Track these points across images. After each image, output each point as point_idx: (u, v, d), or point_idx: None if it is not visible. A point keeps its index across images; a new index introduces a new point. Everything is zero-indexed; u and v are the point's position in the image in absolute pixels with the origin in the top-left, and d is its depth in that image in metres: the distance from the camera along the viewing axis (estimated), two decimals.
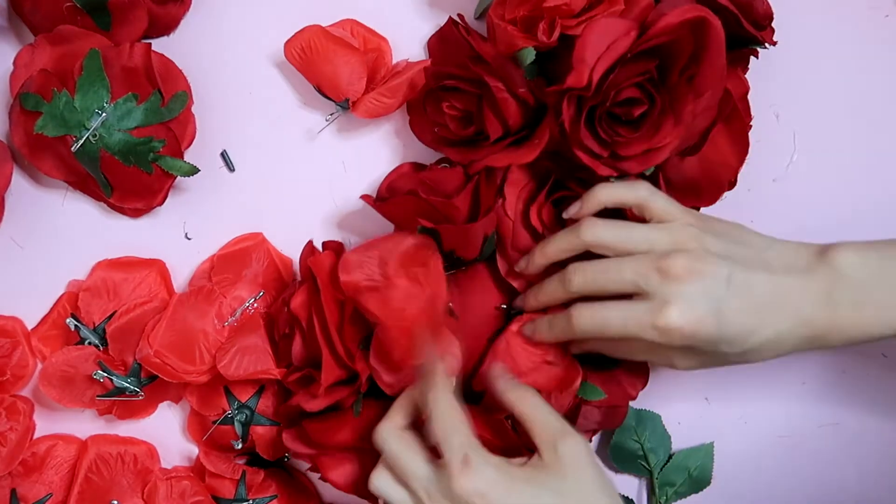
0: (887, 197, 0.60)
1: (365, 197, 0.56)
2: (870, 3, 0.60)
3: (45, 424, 0.64)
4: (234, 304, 0.61)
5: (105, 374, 0.60)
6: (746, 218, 0.53)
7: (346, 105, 0.58)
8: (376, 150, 0.61)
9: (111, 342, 0.61)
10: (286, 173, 0.62)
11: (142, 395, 0.61)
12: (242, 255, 0.61)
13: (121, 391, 0.60)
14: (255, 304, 0.61)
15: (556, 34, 0.51)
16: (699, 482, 0.62)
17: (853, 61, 0.60)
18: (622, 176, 0.52)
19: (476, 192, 0.54)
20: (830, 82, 0.60)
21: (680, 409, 0.62)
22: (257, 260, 0.61)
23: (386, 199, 0.56)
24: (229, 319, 0.60)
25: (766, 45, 0.54)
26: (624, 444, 0.62)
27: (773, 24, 0.54)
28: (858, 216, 0.60)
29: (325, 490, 0.64)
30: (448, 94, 0.55)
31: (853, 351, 0.61)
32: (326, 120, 0.60)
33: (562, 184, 0.55)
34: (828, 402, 0.62)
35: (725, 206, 0.56)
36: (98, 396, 0.61)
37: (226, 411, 0.60)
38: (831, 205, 0.60)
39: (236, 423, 0.60)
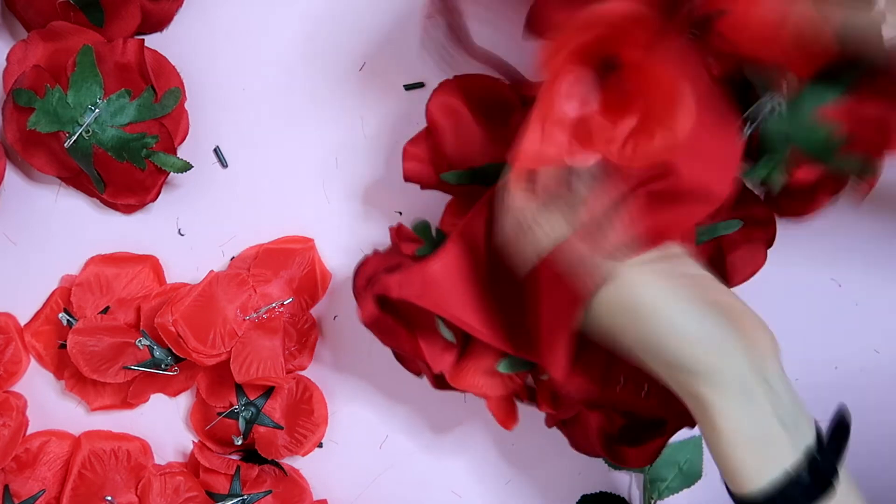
0: None
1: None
2: None
3: (39, 420, 0.64)
4: (261, 300, 0.60)
5: (147, 343, 0.59)
6: None
7: None
8: (369, 148, 0.62)
9: None
10: (279, 169, 0.62)
11: (177, 371, 0.60)
12: (286, 255, 0.61)
13: (156, 364, 0.60)
14: (282, 308, 0.61)
15: None
16: (690, 476, 0.62)
17: None
18: None
19: None
20: None
21: None
22: (299, 264, 0.61)
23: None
24: (252, 314, 0.60)
25: None
26: None
27: None
28: None
29: (319, 487, 0.65)
30: None
31: (846, 347, 0.62)
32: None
33: None
34: (819, 398, 0.62)
35: None
36: (127, 367, 0.60)
37: (233, 405, 0.61)
38: None
39: (241, 419, 0.61)
